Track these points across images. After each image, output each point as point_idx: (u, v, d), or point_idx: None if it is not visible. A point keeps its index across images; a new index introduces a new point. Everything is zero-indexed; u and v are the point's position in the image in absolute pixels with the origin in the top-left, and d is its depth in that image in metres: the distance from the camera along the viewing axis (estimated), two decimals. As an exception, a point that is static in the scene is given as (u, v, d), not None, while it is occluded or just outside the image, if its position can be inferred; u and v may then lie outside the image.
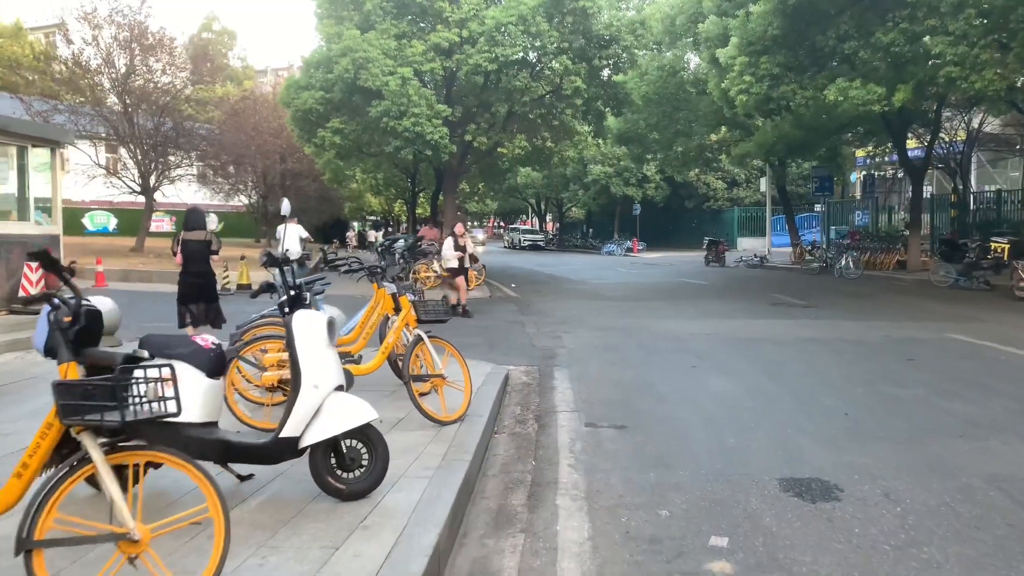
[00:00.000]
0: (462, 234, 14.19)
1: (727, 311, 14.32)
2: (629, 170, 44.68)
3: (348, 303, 9.16)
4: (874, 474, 4.89)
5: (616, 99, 22.28)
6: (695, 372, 8.33)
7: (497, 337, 11.18)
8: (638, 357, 9.35)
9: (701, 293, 18.49)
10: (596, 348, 10.06)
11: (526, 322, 12.86)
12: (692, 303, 15.83)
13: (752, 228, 45.16)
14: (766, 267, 29.01)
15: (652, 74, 28.36)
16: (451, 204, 22.78)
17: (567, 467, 5.11)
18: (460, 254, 14.06)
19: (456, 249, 14.10)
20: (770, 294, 17.73)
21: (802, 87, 16.88)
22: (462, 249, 14.10)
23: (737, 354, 9.47)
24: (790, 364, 8.83)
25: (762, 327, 11.95)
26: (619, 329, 11.86)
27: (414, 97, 17.97)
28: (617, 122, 28.31)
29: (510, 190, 53.93)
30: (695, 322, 12.61)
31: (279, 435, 3.83)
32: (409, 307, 6.03)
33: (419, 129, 18.15)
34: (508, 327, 12.32)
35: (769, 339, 10.72)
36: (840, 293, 17.94)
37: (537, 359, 9.30)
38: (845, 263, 23.35)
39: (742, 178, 47.23)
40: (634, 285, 21.15)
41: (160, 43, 23.73)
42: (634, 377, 8.11)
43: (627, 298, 17.25)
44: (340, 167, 27.93)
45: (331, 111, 19.92)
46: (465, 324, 12.47)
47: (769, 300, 16.30)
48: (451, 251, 14.09)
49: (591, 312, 14.24)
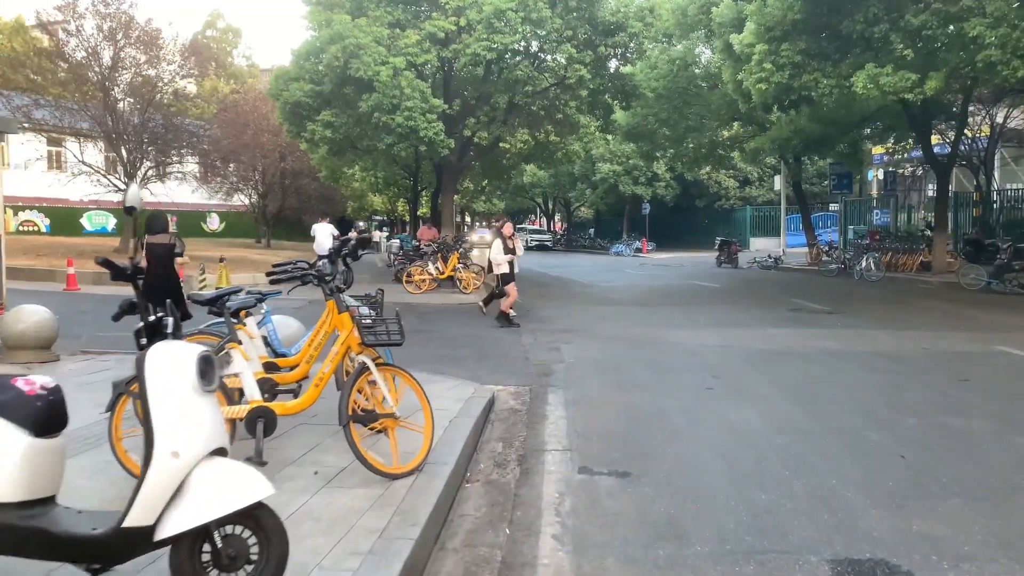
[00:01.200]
0: (511, 235, 12.77)
1: (743, 318, 13.09)
2: (638, 168, 43.43)
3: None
4: (958, 552, 3.69)
5: (624, 91, 21.05)
6: (712, 397, 7.13)
7: (489, 348, 10.00)
8: (645, 376, 8.15)
9: (714, 297, 17.26)
10: (598, 363, 8.87)
11: (523, 331, 11.68)
12: (705, 309, 14.61)
13: (765, 228, 43.80)
14: (781, 268, 27.73)
15: (662, 67, 27.13)
16: (449, 203, 21.59)
17: (550, 539, 3.92)
18: (511, 256, 12.63)
19: (506, 252, 12.65)
20: (788, 298, 16.49)
21: (825, 75, 15.62)
22: (512, 251, 12.65)
23: (758, 372, 8.26)
24: (821, 386, 7.61)
25: (783, 337, 10.73)
26: (625, 340, 10.66)
27: (407, 90, 16.81)
28: (625, 117, 27.07)
29: (517, 189, 52.77)
30: (709, 331, 11.39)
31: (122, 523, 2.66)
32: (352, 327, 4.84)
33: (412, 124, 16.99)
34: (503, 336, 11.14)
35: (793, 352, 9.50)
36: (864, 297, 16.68)
37: (530, 377, 8.12)
38: (866, 264, 22.08)
39: (754, 176, 45.90)
40: (643, 288, 19.94)
41: (149, 36, 22.68)
42: (641, 402, 6.91)
43: (635, 303, 16.05)
44: (336, 164, 26.81)
45: (321, 104, 18.79)
46: (456, 333, 11.31)
47: (788, 305, 15.07)
48: (501, 254, 12.64)
49: (596, 319, 13.05)
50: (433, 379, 7.20)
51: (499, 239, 12.83)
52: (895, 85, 13.66)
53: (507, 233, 12.86)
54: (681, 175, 44.15)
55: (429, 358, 9.00)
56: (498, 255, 12.70)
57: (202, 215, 46.70)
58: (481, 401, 6.63)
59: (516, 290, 12.62)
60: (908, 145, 27.35)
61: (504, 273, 12.63)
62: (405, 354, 6.90)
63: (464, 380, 7.71)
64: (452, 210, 22.49)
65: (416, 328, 11.68)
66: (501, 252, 12.60)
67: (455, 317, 13.60)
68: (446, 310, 14.75)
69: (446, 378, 7.67)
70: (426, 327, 11.92)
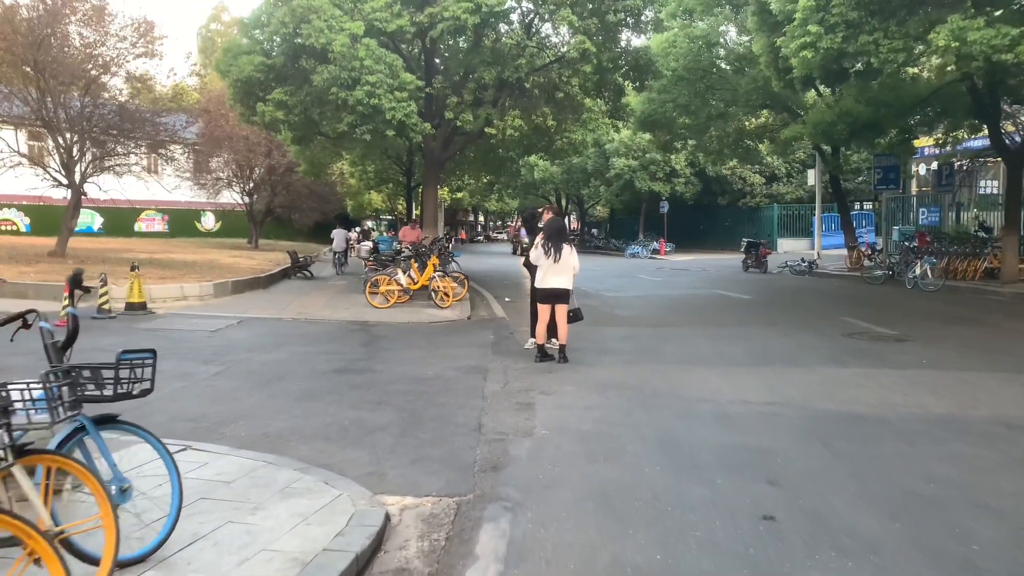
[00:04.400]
0: (515, 232, 9.38)
1: (790, 349, 9.89)
2: (656, 163, 40.13)
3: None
4: None
5: (638, 67, 17.83)
6: (777, 544, 3.97)
7: (429, 404, 6.90)
8: (655, 477, 4.97)
9: (747, 315, 14.05)
10: (584, 443, 5.72)
11: (492, 370, 8.57)
12: (737, 333, 11.41)
13: (794, 228, 40.37)
14: (816, 274, 24.44)
15: (682, 46, 23.93)
16: (432, 197, 18.46)
17: None
18: (572, 270, 9.17)
19: (548, 253, 9.01)
20: (839, 316, 13.27)
21: (888, 37, 12.37)
22: (556, 249, 8.99)
23: (838, 467, 5.09)
24: (957, 506, 4.43)
25: (854, 387, 7.54)
26: (630, 389, 7.50)
27: (367, 61, 13.71)
28: (640, 102, 23.87)
29: (527, 186, 49.58)
30: (748, 375, 8.22)
31: None
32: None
33: (376, 103, 13.90)
34: (458, 381, 8.02)
35: (878, 419, 6.33)
36: (932, 315, 13.42)
37: (469, 473, 5.03)
38: (921, 271, 18.79)
39: (782, 172, 42.41)
40: (658, 300, 16.75)
41: (96, 11, 19.80)
42: (639, 560, 3.77)
43: (647, 322, 12.86)
44: (315, 156, 23.84)
45: (276, 81, 15.79)
46: (395, 373, 8.21)
47: (842, 327, 11.86)
48: (553, 261, 9.00)
49: (594, 350, 9.90)
50: (301, 481, 4.30)
51: (540, 245, 9.23)
52: (991, 41, 10.37)
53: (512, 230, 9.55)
54: (702, 171, 40.85)
55: (323, 428, 5.97)
56: (541, 260, 9.12)
57: (196, 214, 44.18)
58: (356, 539, 3.59)
59: (542, 310, 9.21)
60: (962, 135, 23.96)
61: (559, 290, 9.11)
62: (295, 419, 6.02)
63: (353, 482, 4.67)
64: (435, 207, 19.39)
65: (343, 365, 8.61)
66: (546, 257, 9.05)
67: (413, 343, 10.51)
68: (407, 332, 11.67)
69: (322, 479, 4.66)
70: (357, 363, 8.84)
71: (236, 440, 5.70)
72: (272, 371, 8.30)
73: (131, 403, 3.54)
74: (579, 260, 9.44)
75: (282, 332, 11.30)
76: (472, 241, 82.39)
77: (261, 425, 6.13)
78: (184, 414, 6.43)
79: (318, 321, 12.58)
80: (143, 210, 41.68)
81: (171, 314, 12.67)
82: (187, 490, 4.40)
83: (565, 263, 9.06)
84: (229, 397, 7.06)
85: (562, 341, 9.07)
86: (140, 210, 41.40)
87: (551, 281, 9.08)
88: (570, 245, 9.26)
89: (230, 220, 42.22)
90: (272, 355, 9.32)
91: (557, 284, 9.07)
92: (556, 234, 9.17)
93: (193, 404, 6.79)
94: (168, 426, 6.04)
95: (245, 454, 5.26)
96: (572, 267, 9.16)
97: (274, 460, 5.11)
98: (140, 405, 6.61)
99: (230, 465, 4.98)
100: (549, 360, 9.02)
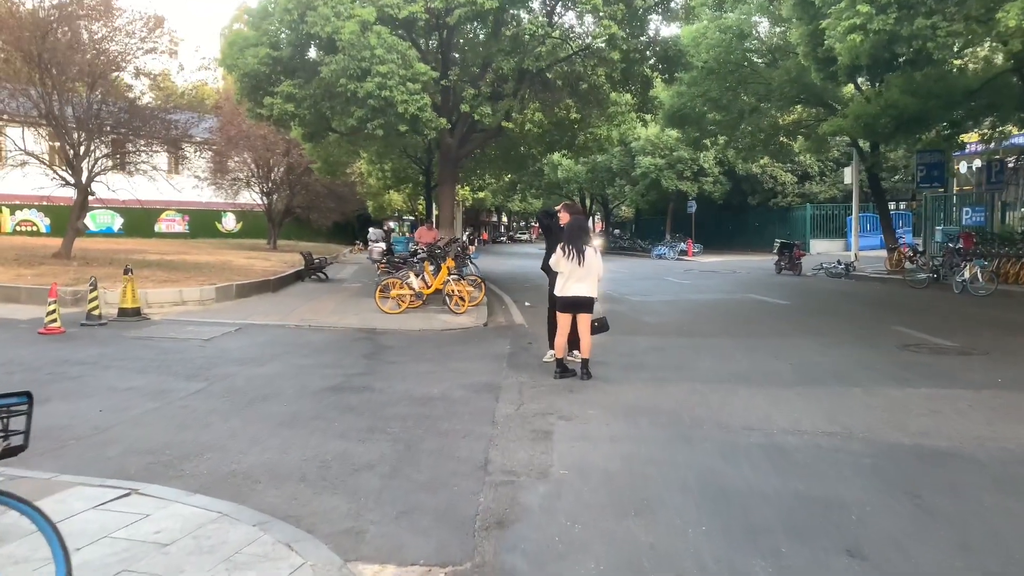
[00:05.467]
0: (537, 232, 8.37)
1: (843, 365, 8.80)
2: (683, 161, 38.91)
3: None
4: None
5: (667, 58, 16.74)
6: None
7: (428, 435, 5.92)
8: (697, 544, 3.93)
9: (788, 322, 12.94)
10: (605, 493, 4.69)
11: (506, 387, 7.59)
12: (781, 344, 10.33)
13: (827, 228, 38.96)
14: (854, 276, 23.18)
15: (712, 37, 22.82)
16: (449, 196, 17.49)
17: None
18: (597, 275, 8.10)
19: (570, 257, 7.94)
20: (890, 324, 12.13)
21: (946, 19, 11.20)
22: (578, 252, 7.92)
23: (941, 536, 4.03)
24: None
25: (924, 412, 6.47)
26: (660, 418, 6.48)
27: (378, 50, 12.79)
28: (669, 96, 22.78)
29: (550, 186, 48.55)
30: (798, 397, 7.16)
31: None
32: None
33: (387, 95, 12.98)
34: (466, 402, 7.04)
35: (964, 456, 5.27)
36: (991, 323, 12.24)
37: (468, 532, 4.06)
38: (971, 274, 17.51)
39: (815, 170, 40.99)
40: (689, 305, 15.67)
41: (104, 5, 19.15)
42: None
43: (680, 331, 11.80)
44: (330, 154, 23.04)
45: (285, 73, 14.94)
46: (397, 392, 7.27)
47: (895, 337, 10.74)
48: (577, 265, 7.92)
49: (620, 364, 8.89)
50: (258, 542, 3.46)
51: (563, 252, 8.10)
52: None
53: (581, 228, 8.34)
54: (731, 169, 39.58)
55: (300, 465, 5.05)
56: (569, 269, 7.99)
57: (216, 214, 43.76)
58: None
59: (562, 320, 8.16)
60: (1009, 129, 22.56)
61: (585, 298, 8.01)
62: (270, 452, 5.32)
63: (323, 544, 3.74)
64: (452, 206, 18.45)
65: (339, 382, 7.68)
66: (567, 259, 8.00)
67: (422, 354, 9.56)
68: (417, 342, 10.72)
69: (285, 540, 3.73)
70: (355, 380, 7.90)
71: (195, 480, 4.79)
72: (258, 389, 7.39)
73: (85, 430, 2.62)
74: (603, 263, 8.41)
75: (281, 341, 10.41)
76: (495, 242, 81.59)
77: (229, 460, 5.20)
78: (143, 444, 5.52)
79: (322, 328, 11.69)
80: (163, 211, 41.32)
81: (167, 320, 11.84)
82: (106, 560, 3.47)
83: (589, 268, 8.02)
84: (201, 422, 6.15)
85: (585, 355, 8.07)
86: (160, 211, 41.04)
87: (573, 288, 8.05)
88: (594, 247, 8.24)
89: (251, 221, 41.79)
90: (263, 369, 8.43)
91: (580, 292, 8.04)
92: (578, 235, 8.14)
93: (158, 431, 5.89)
94: (120, 461, 5.14)
95: (198, 501, 4.33)
96: (597, 272, 8.15)
97: (231, 511, 4.18)
98: (94, 433, 5.80)
99: (174, 519, 4.05)
100: (570, 376, 8.04)
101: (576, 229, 8.19)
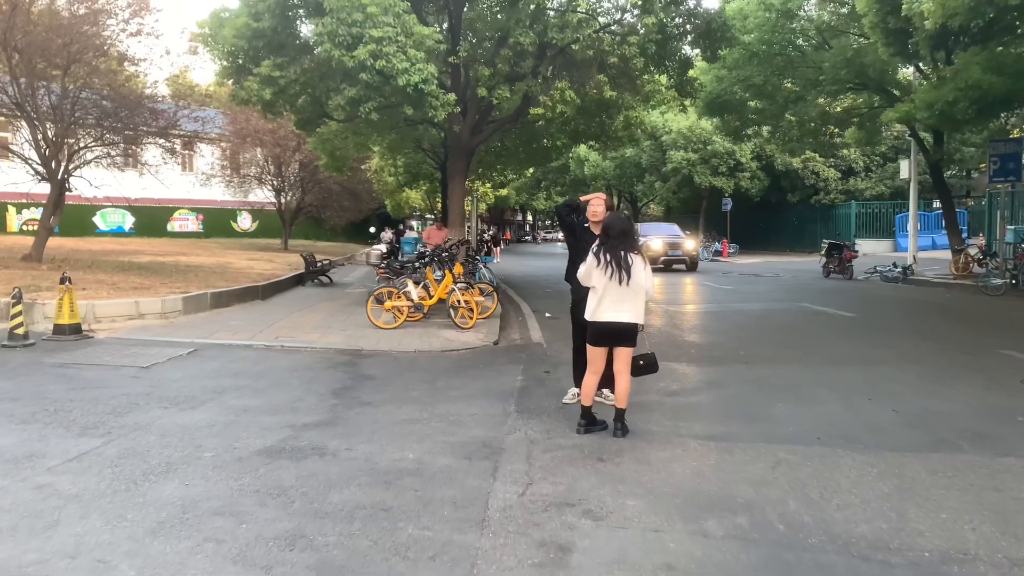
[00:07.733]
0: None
1: (967, 412, 6.53)
2: (718, 156, 36.44)
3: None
4: None
5: (709, 33, 14.49)
6: None
7: (376, 554, 3.77)
8: None
9: (862, 342, 10.61)
10: None
11: (510, 449, 5.43)
12: (867, 378, 8.04)
13: (874, 228, 36.29)
14: (912, 281, 20.76)
15: (756, 17, 20.56)
16: (459, 192, 15.32)
17: None
18: (646, 294, 5.84)
19: (608, 269, 5.70)
20: (991, 346, 9.81)
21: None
22: (617, 264, 5.69)
23: None
24: None
25: None
26: (738, 517, 4.26)
27: (371, 7, 10.70)
28: (709, 80, 20.49)
29: (575, 183, 46.25)
30: (933, 476, 4.90)
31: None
32: None
33: (383, 65, 10.88)
34: (450, 479, 4.85)
35: None
36: None
37: None
38: (1064, 282, 15.11)
39: (860, 166, 38.28)
40: (736, 317, 13.41)
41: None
42: None
43: (733, 355, 9.52)
44: (336, 148, 21.07)
45: (268, 49, 12.93)
46: (347, 476, 5.15)
47: (1009, 365, 8.47)
48: (617, 282, 5.67)
49: (663, 407, 6.70)
50: None
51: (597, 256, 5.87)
52: None
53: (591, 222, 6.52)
54: (770, 164, 37.06)
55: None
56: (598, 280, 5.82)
57: (231, 213, 42.22)
58: None
59: (594, 354, 5.91)
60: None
61: (628, 324, 5.74)
62: None
63: None
64: (462, 203, 16.33)
65: (282, 439, 5.49)
66: (602, 271, 5.74)
67: (408, 390, 7.39)
68: (407, 368, 8.58)
69: None
70: (306, 435, 5.77)
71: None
72: (167, 451, 5.32)
73: None
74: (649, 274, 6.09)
75: (236, 369, 8.35)
76: (519, 241, 79.42)
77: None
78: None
79: (296, 349, 9.63)
80: (176, 209, 39.86)
81: (112, 340, 9.85)
82: None
83: (636, 285, 5.72)
84: (41, 522, 4.07)
85: (621, 404, 5.84)
86: (173, 209, 39.60)
87: (610, 312, 5.71)
88: (642, 256, 5.95)
89: (266, 220, 40.23)
90: (192, 415, 6.36)
91: (620, 317, 5.69)
92: (620, 239, 5.79)
93: (-33, 540, 3.83)
94: None
95: None
96: (645, 290, 5.86)
97: None
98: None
99: None
100: (599, 430, 5.87)
101: (619, 230, 5.83)
